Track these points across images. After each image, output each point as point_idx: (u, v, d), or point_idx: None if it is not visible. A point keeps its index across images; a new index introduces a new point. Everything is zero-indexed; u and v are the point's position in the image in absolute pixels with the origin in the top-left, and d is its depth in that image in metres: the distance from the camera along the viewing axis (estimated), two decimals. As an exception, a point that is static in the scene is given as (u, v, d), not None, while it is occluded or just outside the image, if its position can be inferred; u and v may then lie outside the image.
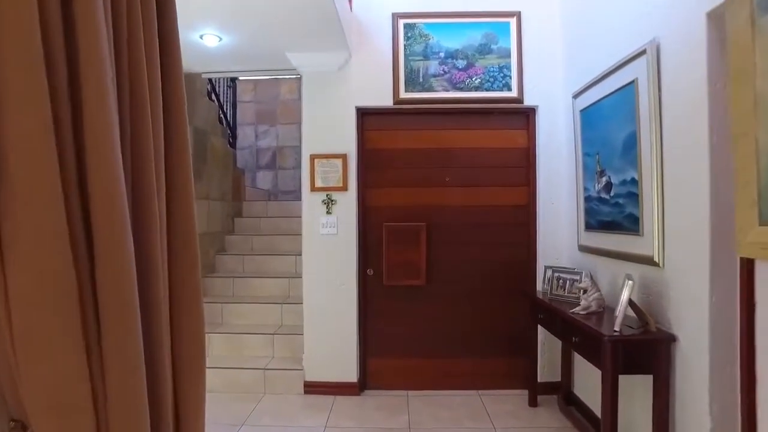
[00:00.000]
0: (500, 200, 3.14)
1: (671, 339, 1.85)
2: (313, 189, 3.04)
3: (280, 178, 5.92)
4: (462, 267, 3.14)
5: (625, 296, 1.89)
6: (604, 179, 2.39)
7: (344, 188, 3.04)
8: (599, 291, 2.26)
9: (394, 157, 3.15)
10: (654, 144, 1.95)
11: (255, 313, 3.58)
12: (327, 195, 3.04)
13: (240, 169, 4.97)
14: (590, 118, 2.55)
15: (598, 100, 2.43)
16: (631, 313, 1.94)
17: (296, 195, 5.69)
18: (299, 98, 6.09)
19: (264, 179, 5.92)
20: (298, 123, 5.83)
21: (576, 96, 2.72)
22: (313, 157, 3.03)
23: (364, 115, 3.12)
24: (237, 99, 5.27)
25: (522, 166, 3.15)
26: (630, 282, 1.89)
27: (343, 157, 3.03)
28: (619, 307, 1.90)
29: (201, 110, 3.89)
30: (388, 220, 3.11)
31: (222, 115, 4.55)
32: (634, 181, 2.10)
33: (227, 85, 4.80)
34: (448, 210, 3.15)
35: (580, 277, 2.44)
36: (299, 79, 6.22)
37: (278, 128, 5.96)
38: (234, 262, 4.12)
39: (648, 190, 2.00)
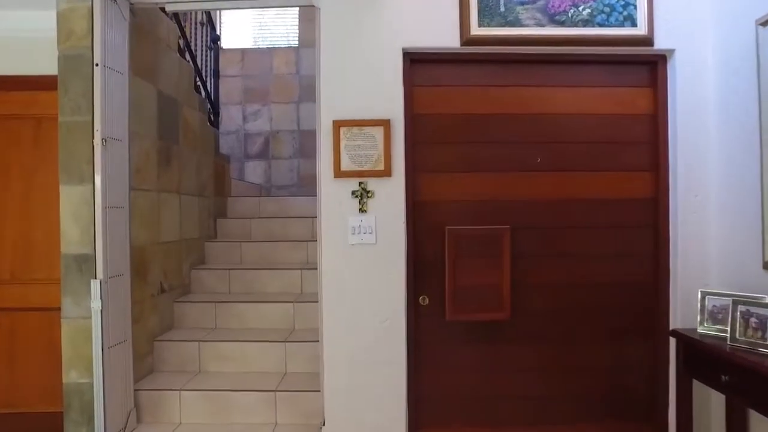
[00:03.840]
0: (613, 192, 2.13)
1: None
2: (339, 174, 1.97)
3: (275, 169, 4.82)
4: (561, 291, 2.12)
5: None
6: None
7: (386, 172, 1.98)
8: None
9: (459, 127, 2.11)
10: None
11: (247, 356, 2.50)
12: (360, 183, 1.98)
13: (224, 155, 3.87)
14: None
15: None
16: None
17: (293, 191, 4.61)
18: (297, 72, 5.02)
19: (254, 171, 4.81)
20: (296, 102, 4.77)
21: (765, 22, 1.72)
22: (337, 125, 1.97)
23: (414, 62, 2.07)
24: (220, 72, 4.17)
25: (644, 142, 2.14)
26: None
27: (385, 125, 1.97)
28: None
29: (168, 69, 2.78)
30: (451, 222, 2.07)
31: (200, 84, 3.44)
32: None
33: (207, 45, 3.69)
34: (539, 206, 2.12)
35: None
36: (297, 49, 5.19)
37: (271, 108, 4.85)
38: (216, 280, 3.02)
39: None
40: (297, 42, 4.94)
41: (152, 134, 2.55)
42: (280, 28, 5.14)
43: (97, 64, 1.98)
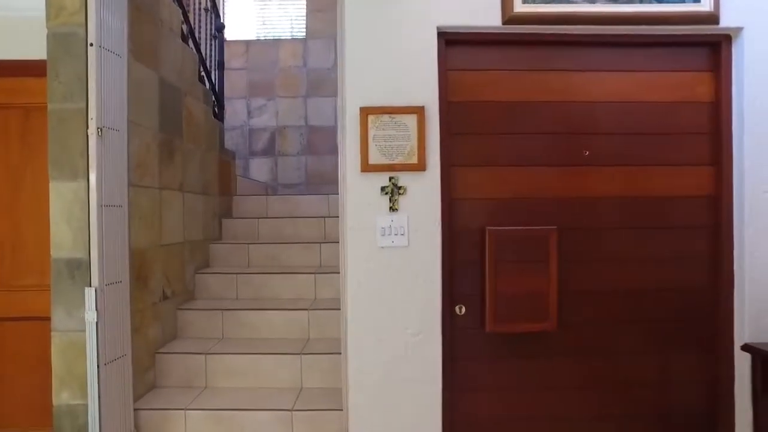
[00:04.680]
0: (668, 188, 1.91)
1: None
2: (367, 168, 1.74)
3: (281, 167, 4.59)
4: (611, 298, 1.89)
5: None
6: None
7: (420, 166, 1.75)
8: None
9: (498, 117, 1.88)
10: None
11: (259, 369, 2.27)
12: (391, 179, 1.76)
13: (229, 151, 3.63)
14: None
15: None
16: None
17: (300, 189, 4.39)
18: (304, 65, 4.79)
19: (259, 168, 4.58)
20: (304, 97, 4.54)
21: None
22: (365, 112, 1.74)
23: (449, 44, 1.84)
24: (224, 63, 3.93)
25: (704, 133, 1.92)
26: None
27: (419, 113, 1.75)
28: None
29: (171, 55, 2.55)
30: (490, 222, 1.85)
31: (204, 73, 3.21)
32: None
33: (211, 34, 3.45)
34: (586, 204, 1.90)
35: None
36: (305, 41, 4.93)
37: (277, 103, 4.62)
38: (222, 285, 2.79)
39: None
40: (304, 33, 4.70)
41: (153, 126, 2.32)
42: (284, 20, 4.91)
43: (91, 44, 1.75)
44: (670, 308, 1.90)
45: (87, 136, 1.76)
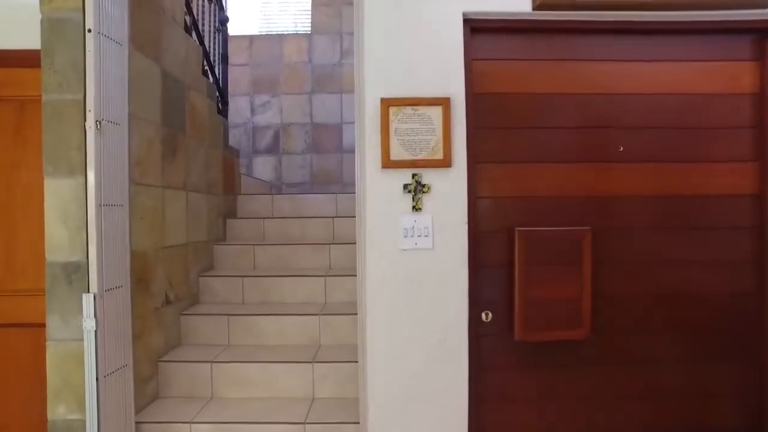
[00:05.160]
0: (708, 186, 1.78)
1: None
2: (388, 164, 1.61)
3: (285, 165, 4.46)
4: (647, 304, 1.77)
5: None
6: None
7: (445, 162, 1.62)
8: None
9: (527, 110, 1.75)
10: None
11: (268, 378, 2.14)
12: (414, 176, 1.63)
13: (233, 148, 3.50)
14: None
15: None
16: None
17: (305, 188, 4.26)
18: (309, 61, 4.65)
19: (263, 167, 4.44)
20: (309, 93, 4.41)
21: None
22: (386, 104, 1.61)
23: (475, 32, 1.71)
24: (227, 56, 3.80)
25: (748, 126, 1.79)
26: None
27: (444, 104, 1.62)
28: None
29: (174, 46, 2.42)
30: (518, 222, 1.72)
31: (207, 67, 3.07)
32: None
33: (214, 27, 3.32)
34: (621, 204, 1.77)
35: None
36: (310, 36, 4.77)
37: (281, 99, 4.49)
38: (228, 288, 2.66)
39: None
40: (309, 28, 4.57)
41: (155, 120, 2.19)
42: (288, 15, 4.77)
43: (89, 30, 1.62)
44: (710, 315, 1.78)
45: (85, 129, 1.63)
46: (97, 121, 1.62)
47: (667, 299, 1.77)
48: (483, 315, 1.72)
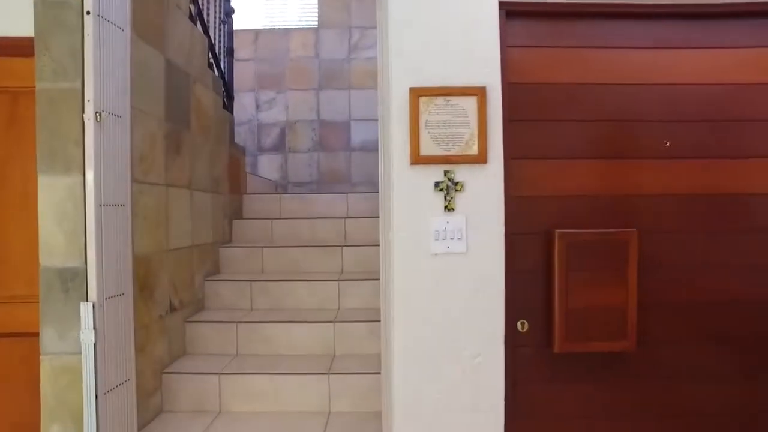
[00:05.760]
0: (764, 185, 1.64)
1: None
2: (417, 160, 1.47)
3: (291, 164, 4.31)
4: (697, 313, 1.63)
5: None
6: None
7: (480, 158, 1.48)
8: None
9: (565, 101, 1.60)
10: None
11: (281, 391, 1.99)
12: (446, 173, 1.48)
13: (239, 146, 3.35)
14: None
15: None
16: None
17: (312, 188, 4.11)
18: (316, 56, 4.50)
19: (269, 166, 4.30)
20: (316, 89, 4.26)
21: None
22: (416, 94, 1.46)
23: (510, 16, 1.57)
24: (232, 50, 3.65)
25: (803, 119, 1.65)
26: None
27: (479, 95, 1.47)
28: None
29: (178, 35, 2.27)
30: (557, 223, 1.57)
31: (213, 60, 2.92)
32: None
33: (220, 19, 3.17)
34: (668, 203, 1.62)
35: None
36: (317, 30, 4.62)
37: (287, 96, 4.34)
38: (235, 294, 2.51)
39: None
40: (316, 22, 4.42)
41: (159, 114, 2.04)
42: (294, 8, 4.62)
43: (88, 12, 1.47)
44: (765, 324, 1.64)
45: (83, 121, 1.48)
46: (96, 112, 1.47)
47: (721, 307, 1.62)
48: (519, 324, 1.58)
